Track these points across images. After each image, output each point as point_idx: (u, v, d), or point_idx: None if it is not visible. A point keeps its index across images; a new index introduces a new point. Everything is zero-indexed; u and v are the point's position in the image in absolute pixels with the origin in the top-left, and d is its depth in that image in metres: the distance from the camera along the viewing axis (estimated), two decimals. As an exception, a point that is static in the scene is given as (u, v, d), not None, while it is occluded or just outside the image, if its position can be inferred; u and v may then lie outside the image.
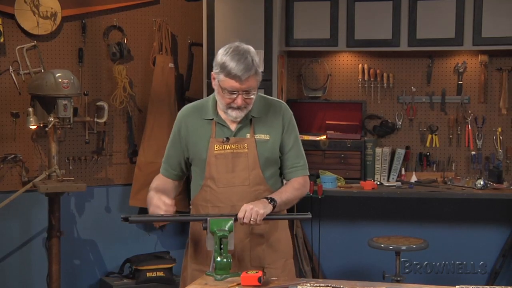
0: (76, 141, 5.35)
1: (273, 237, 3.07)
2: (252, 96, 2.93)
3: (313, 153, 5.42)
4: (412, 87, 5.58)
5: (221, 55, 2.90)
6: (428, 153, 5.58)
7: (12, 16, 5.03)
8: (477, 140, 5.51)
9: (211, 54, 5.21)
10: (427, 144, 5.57)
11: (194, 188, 3.09)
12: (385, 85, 5.58)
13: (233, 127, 3.01)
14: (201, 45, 5.29)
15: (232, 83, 2.87)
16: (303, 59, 5.69)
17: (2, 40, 4.95)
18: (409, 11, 5.22)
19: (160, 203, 2.91)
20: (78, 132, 5.32)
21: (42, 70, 5.03)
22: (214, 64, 2.94)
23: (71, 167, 5.29)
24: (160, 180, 3.13)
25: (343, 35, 5.32)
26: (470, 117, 5.51)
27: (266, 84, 5.09)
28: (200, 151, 3.01)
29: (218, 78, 2.91)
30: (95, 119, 5.17)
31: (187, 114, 3.08)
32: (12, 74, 5.03)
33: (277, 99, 3.17)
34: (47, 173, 4.88)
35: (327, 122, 5.64)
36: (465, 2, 5.15)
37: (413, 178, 5.42)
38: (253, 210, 2.83)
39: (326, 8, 5.31)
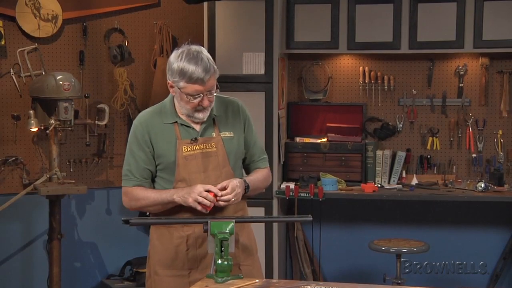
0: (77, 144, 5.35)
1: (243, 236, 3.08)
2: (214, 94, 2.94)
3: (314, 156, 5.43)
4: (413, 90, 5.58)
5: (175, 62, 2.88)
6: (429, 156, 5.57)
7: (13, 19, 5.04)
8: (478, 143, 5.50)
9: (212, 57, 5.21)
10: (428, 147, 5.56)
11: None
12: (385, 87, 5.58)
13: (197, 127, 3.01)
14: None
15: (196, 87, 2.87)
16: (304, 61, 5.69)
17: (3, 43, 4.96)
18: (409, 14, 5.22)
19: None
20: (79, 135, 5.32)
21: (43, 73, 5.04)
22: (169, 72, 2.91)
23: (72, 170, 5.29)
24: (140, 190, 3.00)
25: (344, 37, 5.32)
26: (471, 119, 5.51)
27: (267, 87, 5.10)
28: (168, 155, 2.97)
29: (178, 86, 2.90)
30: (96, 122, 5.18)
31: (148, 120, 3.02)
32: (13, 77, 5.03)
33: (232, 97, 3.15)
34: (48, 176, 4.88)
35: (327, 124, 5.64)
36: (466, 4, 5.15)
37: (414, 181, 5.41)
38: (238, 195, 2.91)
39: (327, 11, 5.30)
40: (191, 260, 3.00)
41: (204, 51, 2.92)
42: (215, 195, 2.86)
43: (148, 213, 3.15)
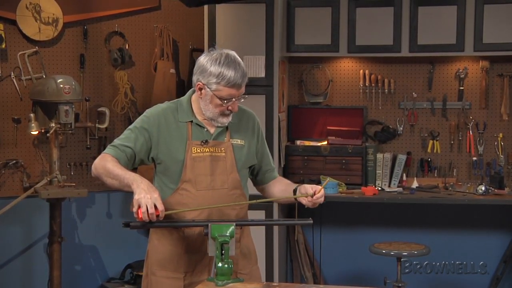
0: (78, 147, 5.35)
1: (243, 243, 3.08)
2: (243, 99, 2.97)
3: (314, 159, 5.43)
4: (413, 93, 5.59)
5: (213, 65, 2.88)
6: (429, 159, 5.58)
7: (14, 22, 5.04)
8: (478, 146, 5.50)
9: (213, 60, 5.21)
10: (428, 150, 5.57)
11: (161, 192, 2.95)
12: (386, 90, 5.58)
13: (212, 130, 3.01)
14: (202, 51, 5.28)
15: (232, 91, 2.89)
16: (304, 64, 5.69)
17: (4, 46, 4.96)
18: (410, 17, 5.23)
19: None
20: (80, 138, 5.32)
21: (44, 76, 5.04)
22: (202, 75, 2.91)
23: (72, 173, 5.29)
24: (113, 161, 2.93)
25: (344, 40, 5.32)
26: (471, 123, 5.51)
27: (267, 90, 5.10)
28: (176, 153, 2.96)
29: (211, 88, 2.89)
30: (97, 125, 5.18)
31: (162, 114, 3.00)
32: (14, 80, 5.04)
33: (248, 108, 3.16)
34: (48, 179, 4.88)
35: (328, 127, 5.65)
36: (466, 8, 5.16)
37: (414, 184, 5.42)
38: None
39: (327, 14, 5.31)
40: (188, 263, 3.00)
41: (238, 56, 2.94)
42: (158, 215, 2.75)
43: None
